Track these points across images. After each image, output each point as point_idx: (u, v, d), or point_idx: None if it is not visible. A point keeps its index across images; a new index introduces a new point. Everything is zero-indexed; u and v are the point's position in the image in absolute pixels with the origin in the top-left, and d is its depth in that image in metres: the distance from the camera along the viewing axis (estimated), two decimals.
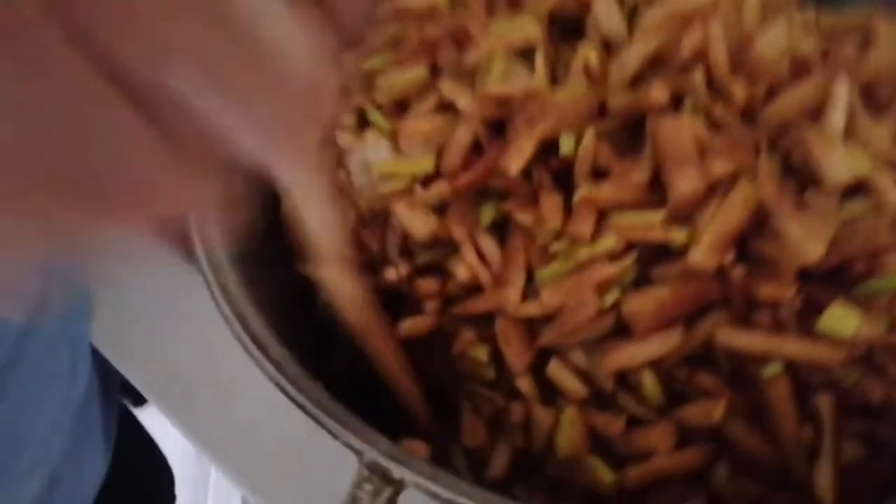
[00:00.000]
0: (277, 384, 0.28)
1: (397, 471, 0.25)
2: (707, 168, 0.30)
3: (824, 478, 0.27)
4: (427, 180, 0.36)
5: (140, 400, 0.68)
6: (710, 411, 0.29)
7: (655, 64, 0.34)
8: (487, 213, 0.35)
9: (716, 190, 0.30)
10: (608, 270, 0.30)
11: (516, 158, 0.32)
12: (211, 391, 0.46)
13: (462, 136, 0.36)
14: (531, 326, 0.32)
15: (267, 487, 0.42)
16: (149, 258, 0.17)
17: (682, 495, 0.29)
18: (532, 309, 0.31)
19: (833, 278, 0.29)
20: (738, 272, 0.29)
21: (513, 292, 0.32)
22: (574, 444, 0.31)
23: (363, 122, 0.40)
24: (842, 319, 0.26)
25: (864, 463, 0.28)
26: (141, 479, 0.65)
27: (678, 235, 0.30)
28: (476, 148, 0.36)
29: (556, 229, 0.32)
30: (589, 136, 0.33)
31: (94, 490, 0.48)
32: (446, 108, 0.38)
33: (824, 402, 0.28)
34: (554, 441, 0.31)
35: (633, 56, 0.34)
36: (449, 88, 0.37)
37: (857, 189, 0.30)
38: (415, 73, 0.38)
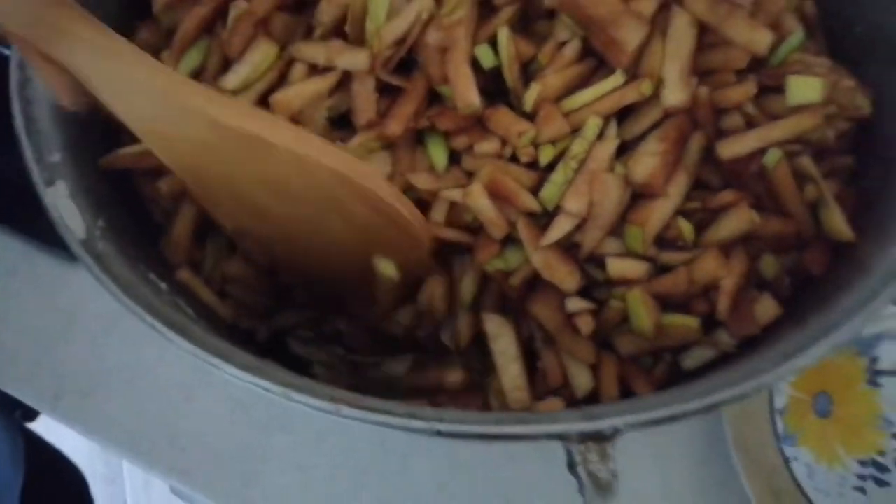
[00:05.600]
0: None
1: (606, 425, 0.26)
2: (638, 12, 0.33)
3: (837, 219, 0.35)
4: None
5: (30, 414, 0.74)
6: (743, 218, 0.34)
7: None
8: (440, 155, 0.35)
9: (654, 29, 0.33)
10: (609, 148, 0.33)
11: (470, 90, 0.32)
12: (111, 387, 0.51)
13: (365, 87, 0.34)
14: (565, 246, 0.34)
15: (200, 476, 0.49)
16: None
17: (752, 298, 0.35)
18: (566, 224, 0.33)
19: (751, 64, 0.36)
20: (703, 91, 0.34)
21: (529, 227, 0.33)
22: (653, 316, 0.34)
23: None
24: (806, 88, 0.33)
25: (844, 192, 0.37)
26: (53, 490, 0.70)
27: (645, 88, 0.33)
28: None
29: (532, 137, 0.33)
30: (504, 37, 0.34)
31: None
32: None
33: (807, 163, 0.35)
34: (632, 325, 0.35)
35: None
36: (316, 52, 0.34)
37: None
38: (263, 52, 0.34)
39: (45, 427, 0.79)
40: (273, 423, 0.51)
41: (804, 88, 0.33)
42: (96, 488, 0.87)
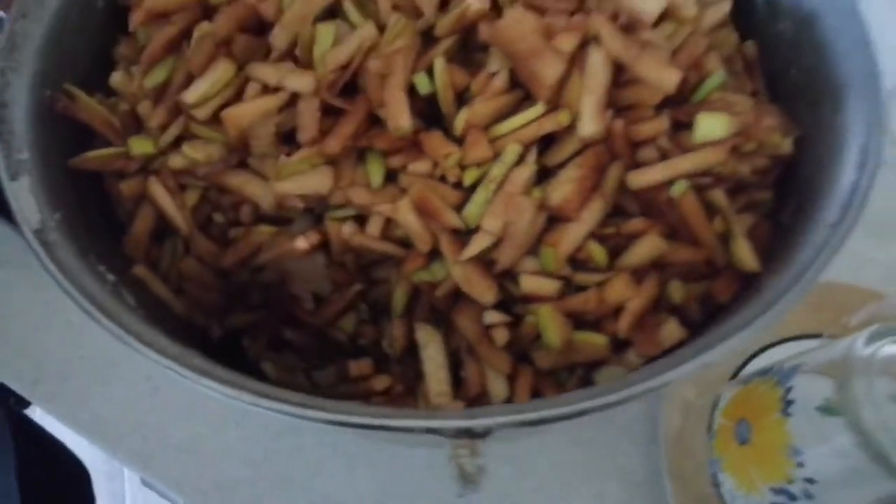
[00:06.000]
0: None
1: (477, 425, 0.29)
2: (558, 48, 0.36)
3: (743, 250, 0.37)
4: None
5: (24, 402, 0.74)
6: (653, 245, 0.37)
7: None
8: (376, 172, 0.38)
9: (573, 64, 0.36)
10: (526, 173, 0.36)
11: (402, 114, 0.35)
12: (86, 375, 0.56)
13: (310, 107, 0.37)
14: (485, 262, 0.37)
15: (157, 464, 0.53)
16: None
17: (658, 321, 0.37)
18: (483, 241, 0.35)
19: (675, 98, 0.39)
20: (618, 125, 0.37)
21: (451, 243, 0.36)
22: (562, 332, 0.37)
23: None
24: (712, 125, 0.36)
25: (758, 225, 0.39)
26: (55, 485, 0.73)
27: (563, 118, 0.36)
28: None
29: (458, 159, 0.36)
30: (440, 66, 0.37)
31: None
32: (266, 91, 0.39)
33: (718, 195, 0.38)
34: (543, 339, 0.37)
35: None
36: (268, 73, 0.38)
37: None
38: (222, 70, 0.38)
39: (51, 421, 0.85)
40: (229, 418, 0.54)
41: (711, 125, 0.36)
42: (98, 484, 0.90)
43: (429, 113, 0.39)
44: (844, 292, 0.57)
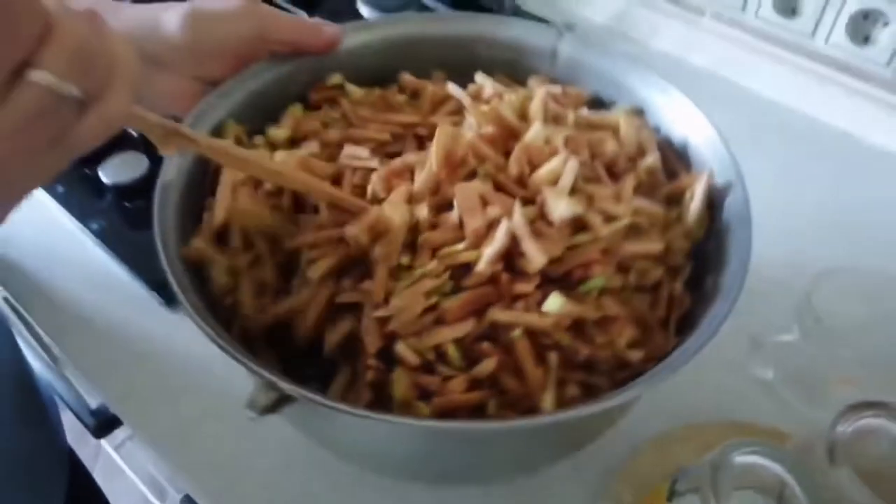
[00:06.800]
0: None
1: (285, 387, 0.46)
2: (486, 212, 0.53)
3: (548, 402, 0.50)
4: None
5: (101, 432, 0.90)
6: (488, 365, 0.51)
7: None
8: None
9: (492, 227, 0.54)
10: (430, 283, 0.53)
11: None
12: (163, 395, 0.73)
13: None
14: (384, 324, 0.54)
15: (200, 478, 0.68)
16: None
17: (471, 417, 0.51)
18: (386, 311, 0.53)
19: (565, 281, 0.53)
20: (505, 278, 0.53)
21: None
22: (405, 394, 0.53)
23: None
24: (553, 303, 0.50)
25: (579, 395, 0.52)
26: None
27: (471, 256, 0.53)
28: None
29: (408, 261, 0.55)
30: (424, 224, 0.56)
31: None
32: None
33: (552, 356, 0.51)
34: (392, 392, 0.53)
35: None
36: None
37: (585, 227, 0.55)
38: None
39: (105, 477, 1.02)
40: (268, 453, 0.71)
41: (552, 303, 0.51)
42: None
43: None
44: (775, 434, 0.66)
